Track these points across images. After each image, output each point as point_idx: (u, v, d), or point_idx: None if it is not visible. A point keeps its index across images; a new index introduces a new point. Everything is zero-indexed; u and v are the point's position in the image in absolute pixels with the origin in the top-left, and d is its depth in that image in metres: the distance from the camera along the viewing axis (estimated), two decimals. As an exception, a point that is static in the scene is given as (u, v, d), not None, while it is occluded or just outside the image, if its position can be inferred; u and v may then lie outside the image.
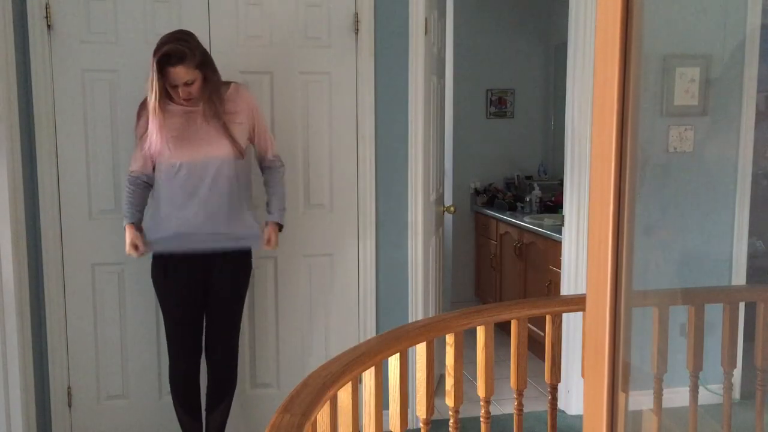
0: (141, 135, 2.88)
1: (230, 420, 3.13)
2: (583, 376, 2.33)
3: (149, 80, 2.74)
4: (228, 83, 2.96)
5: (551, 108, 5.78)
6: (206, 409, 3.06)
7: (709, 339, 2.29)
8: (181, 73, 2.71)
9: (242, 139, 2.91)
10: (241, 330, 3.13)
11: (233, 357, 3.07)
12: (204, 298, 2.97)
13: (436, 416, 2.95)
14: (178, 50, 2.68)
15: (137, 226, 2.94)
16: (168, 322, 2.98)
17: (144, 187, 2.96)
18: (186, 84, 2.74)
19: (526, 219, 4.90)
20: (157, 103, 2.74)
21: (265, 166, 3.08)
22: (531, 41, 5.78)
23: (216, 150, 2.84)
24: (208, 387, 3.06)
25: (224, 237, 2.90)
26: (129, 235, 2.90)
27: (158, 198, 2.91)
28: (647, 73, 1.05)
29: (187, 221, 2.86)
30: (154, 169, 2.92)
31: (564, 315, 3.02)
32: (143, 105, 2.87)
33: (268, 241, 3.02)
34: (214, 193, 2.85)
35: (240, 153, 2.87)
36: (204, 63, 2.78)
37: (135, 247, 2.90)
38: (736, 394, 2.43)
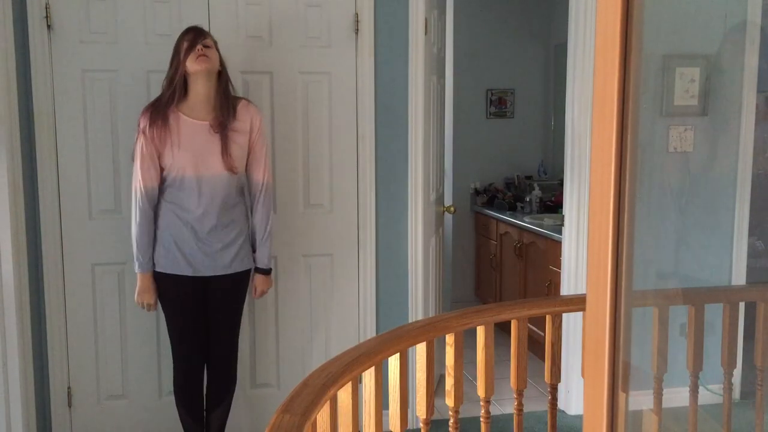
0: (146, 139, 2.82)
1: (230, 420, 3.13)
2: (583, 376, 2.33)
3: (170, 69, 2.83)
4: (238, 98, 2.96)
5: (551, 108, 5.78)
6: (207, 409, 3.06)
7: (709, 339, 2.29)
8: (201, 36, 2.82)
9: (238, 160, 2.87)
10: (240, 329, 3.12)
11: (233, 356, 3.06)
12: (205, 303, 2.97)
13: (436, 416, 2.95)
14: (202, 28, 2.89)
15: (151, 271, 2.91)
16: (171, 327, 2.97)
17: (153, 208, 2.87)
18: (204, 47, 2.79)
19: (526, 219, 4.90)
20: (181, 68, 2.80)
21: (252, 192, 2.99)
22: (531, 41, 5.78)
23: (216, 165, 2.81)
24: (208, 386, 3.06)
25: (220, 258, 2.89)
26: (145, 283, 2.92)
27: (158, 217, 2.89)
28: (647, 73, 1.05)
29: (189, 234, 2.84)
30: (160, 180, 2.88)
31: (564, 315, 3.02)
32: (152, 113, 2.83)
33: (257, 291, 3.05)
34: (215, 208, 2.84)
35: (232, 169, 2.84)
36: (221, 56, 2.89)
37: (149, 301, 2.93)
38: (736, 394, 2.43)
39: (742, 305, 2.36)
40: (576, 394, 3.80)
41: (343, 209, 3.48)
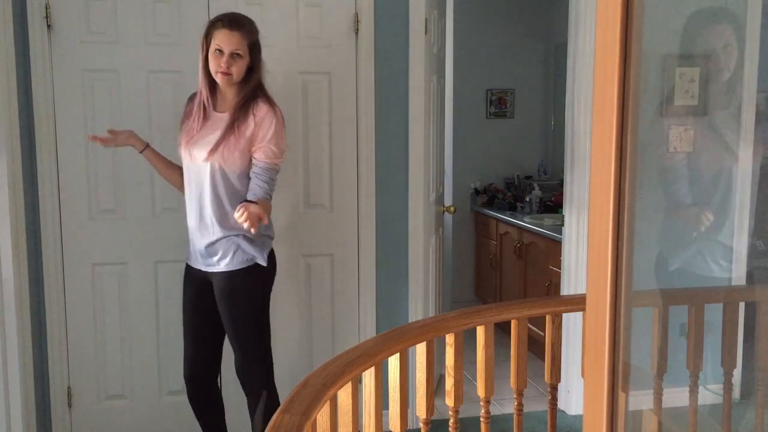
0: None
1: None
2: (583, 376, 2.33)
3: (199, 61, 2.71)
4: (270, 102, 2.78)
5: (551, 108, 5.78)
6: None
7: (709, 339, 2.29)
8: (235, 38, 2.61)
9: (225, 155, 2.70)
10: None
11: (245, 365, 2.84)
12: (213, 312, 2.85)
13: (436, 416, 2.95)
14: (238, 16, 2.69)
15: (148, 147, 2.89)
16: (183, 322, 2.93)
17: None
18: (232, 55, 2.62)
19: (526, 219, 4.90)
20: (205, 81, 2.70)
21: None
22: (531, 41, 5.78)
23: (202, 155, 2.72)
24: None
25: (211, 255, 2.78)
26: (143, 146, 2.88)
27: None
28: (647, 73, 1.05)
29: (190, 230, 2.82)
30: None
31: (564, 315, 3.02)
32: (190, 99, 2.87)
33: (245, 213, 2.47)
34: (204, 200, 2.76)
35: (214, 160, 2.70)
36: (255, 49, 2.70)
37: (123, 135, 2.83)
38: (736, 394, 2.43)
39: (742, 305, 2.36)
40: (576, 394, 3.80)
41: (343, 209, 3.48)
